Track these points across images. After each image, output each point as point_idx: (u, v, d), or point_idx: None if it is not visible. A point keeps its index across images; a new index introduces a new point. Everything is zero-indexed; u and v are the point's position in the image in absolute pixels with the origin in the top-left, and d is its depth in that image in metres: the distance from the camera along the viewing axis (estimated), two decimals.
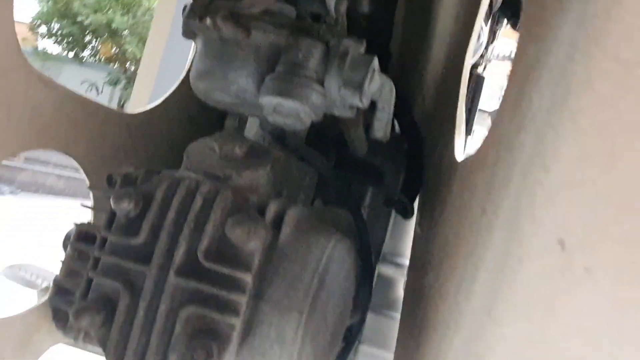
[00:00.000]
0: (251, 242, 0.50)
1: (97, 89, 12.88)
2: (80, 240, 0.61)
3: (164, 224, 0.51)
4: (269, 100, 0.51)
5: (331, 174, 0.70)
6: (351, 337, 0.77)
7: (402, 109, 0.89)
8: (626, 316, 0.36)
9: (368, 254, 0.75)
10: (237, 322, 0.49)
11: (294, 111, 0.50)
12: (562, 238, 0.35)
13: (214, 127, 0.87)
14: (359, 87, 0.50)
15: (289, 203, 0.54)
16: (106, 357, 0.51)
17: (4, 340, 0.69)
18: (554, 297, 0.36)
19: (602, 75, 0.31)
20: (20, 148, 0.64)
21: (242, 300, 0.49)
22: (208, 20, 0.49)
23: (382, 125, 0.56)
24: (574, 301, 0.36)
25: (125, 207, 0.52)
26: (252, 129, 0.73)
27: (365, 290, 0.76)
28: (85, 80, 12.61)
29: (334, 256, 0.53)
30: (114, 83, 12.86)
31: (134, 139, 0.79)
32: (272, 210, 0.53)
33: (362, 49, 0.52)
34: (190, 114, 0.86)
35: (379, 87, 0.53)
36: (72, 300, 0.54)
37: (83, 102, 0.72)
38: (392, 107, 0.56)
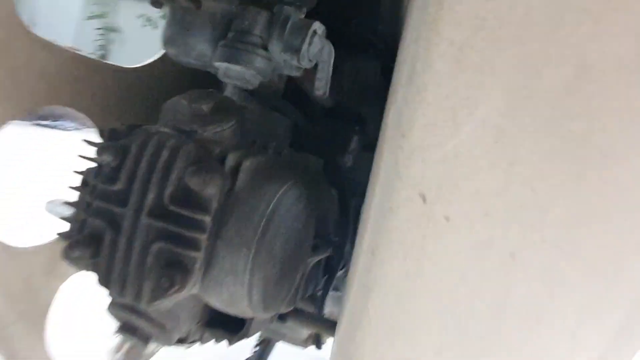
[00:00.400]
0: (208, 188, 0.58)
1: (153, 24, 13.02)
2: (84, 185, 0.72)
3: (137, 173, 0.60)
4: (219, 65, 0.57)
5: (303, 122, 0.76)
6: (332, 267, 0.86)
7: (390, 59, 0.93)
8: (483, 254, 0.43)
9: (343, 194, 0.82)
10: (199, 256, 0.58)
11: (241, 75, 0.57)
12: (423, 192, 0.41)
13: (214, 79, 0.94)
14: (296, 51, 0.55)
15: (247, 154, 0.62)
16: (97, 283, 0.62)
17: (33, 265, 0.82)
18: (424, 240, 0.43)
19: (439, 56, 0.36)
20: (30, 106, 0.74)
21: (202, 238, 0.58)
22: None
23: (322, 84, 0.61)
24: (440, 243, 0.43)
25: (105, 159, 0.61)
26: None
27: (342, 226, 0.84)
28: (141, 15, 12.74)
29: (283, 201, 0.61)
30: None
31: (136, 92, 0.87)
32: (230, 160, 0.61)
33: (302, 15, 0.57)
34: (188, 67, 0.93)
35: (320, 49, 0.58)
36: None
37: (85, 61, 0.81)
38: (330, 68, 0.61)
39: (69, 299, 0.84)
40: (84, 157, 0.70)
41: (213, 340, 0.72)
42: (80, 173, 0.70)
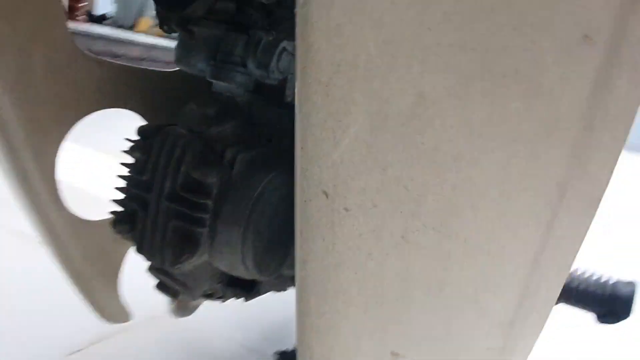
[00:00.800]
0: (209, 178, 0.74)
1: None
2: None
3: (158, 166, 0.77)
4: (211, 80, 0.72)
5: None
6: None
7: None
8: (380, 237, 0.54)
9: None
10: (204, 232, 0.75)
11: (226, 88, 0.71)
12: (324, 190, 0.53)
13: None
14: (266, 67, 0.68)
15: (242, 149, 0.76)
16: (135, 250, 0.81)
17: (104, 234, 1.04)
18: (333, 225, 0.55)
19: (313, 92, 0.48)
20: (90, 111, 0.94)
21: (206, 217, 0.74)
22: (165, 27, 0.71)
23: (290, 92, 0.73)
24: (345, 228, 0.55)
25: (134, 155, 0.79)
26: None
27: None
28: None
29: (268, 187, 0.75)
30: None
31: (176, 91, 1.05)
32: (228, 154, 0.76)
33: (271, 38, 0.69)
34: None
35: (289, 63, 0.70)
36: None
37: (133, 70, 0.99)
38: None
39: (136, 260, 1.04)
40: (126, 152, 0.89)
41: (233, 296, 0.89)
42: (125, 165, 0.89)
